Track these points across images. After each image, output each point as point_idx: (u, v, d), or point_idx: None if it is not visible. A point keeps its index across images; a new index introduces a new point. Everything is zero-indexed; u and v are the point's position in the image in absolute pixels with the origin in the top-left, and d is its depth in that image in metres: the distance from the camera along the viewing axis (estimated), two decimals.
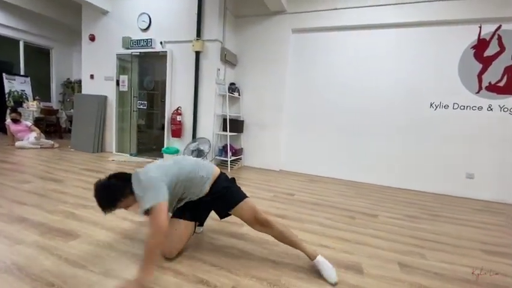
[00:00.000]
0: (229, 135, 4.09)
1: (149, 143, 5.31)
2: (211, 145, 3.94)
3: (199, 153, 3.81)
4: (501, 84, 3.30)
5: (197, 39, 3.94)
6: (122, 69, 4.69)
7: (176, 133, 4.18)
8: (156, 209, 1.25)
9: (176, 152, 4.19)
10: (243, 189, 1.72)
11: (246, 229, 1.96)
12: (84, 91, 4.98)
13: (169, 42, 4.24)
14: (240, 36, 4.43)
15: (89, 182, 2.90)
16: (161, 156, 4.29)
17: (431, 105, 3.59)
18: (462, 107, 3.46)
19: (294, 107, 4.29)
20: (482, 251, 1.94)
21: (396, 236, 2.09)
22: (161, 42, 4.25)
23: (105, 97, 4.77)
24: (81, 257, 1.47)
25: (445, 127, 3.54)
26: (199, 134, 4.14)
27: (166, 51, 4.22)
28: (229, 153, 4.02)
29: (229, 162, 4.03)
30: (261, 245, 1.77)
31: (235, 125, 4.24)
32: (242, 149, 4.48)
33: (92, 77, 4.89)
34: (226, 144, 4.06)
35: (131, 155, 4.62)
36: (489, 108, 3.36)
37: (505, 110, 3.31)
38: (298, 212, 2.48)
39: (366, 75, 3.85)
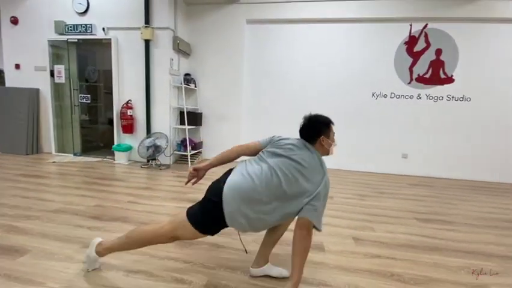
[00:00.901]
0: (188, 129, 3.97)
1: (96, 140, 4.84)
2: (168, 140, 3.78)
3: (156, 149, 3.63)
4: (427, 76, 3.85)
5: (146, 27, 3.66)
6: (56, 57, 4.11)
7: (128, 129, 3.89)
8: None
9: (129, 149, 3.92)
10: (206, 183, 1.73)
11: None
12: (8, 84, 4.24)
13: (113, 28, 3.85)
14: (193, 25, 4.25)
15: (30, 190, 2.56)
16: (112, 155, 3.97)
17: (373, 94, 4.00)
18: (397, 96, 3.95)
19: (254, 97, 4.35)
20: (417, 220, 2.31)
21: (351, 214, 2.35)
22: (103, 29, 3.83)
23: (37, 90, 4.16)
24: (36, 273, 1.32)
25: (384, 113, 4.00)
26: (154, 129, 3.92)
27: (110, 39, 3.83)
28: (189, 148, 3.92)
29: (189, 157, 3.94)
30: (231, 235, 1.82)
31: (194, 118, 4.13)
32: (202, 142, 4.40)
33: (17, 66, 4.18)
34: (185, 138, 3.94)
35: (75, 154, 4.17)
36: (418, 97, 3.91)
37: (430, 98, 3.88)
38: None
39: (319, 67, 4.08)
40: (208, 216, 1.17)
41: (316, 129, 1.29)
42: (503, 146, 3.78)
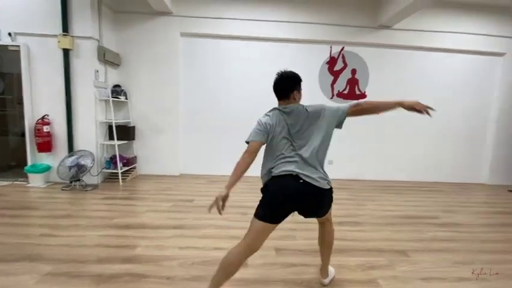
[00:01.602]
0: (118, 144, 3.73)
1: (5, 158, 4.16)
2: (95, 158, 3.49)
3: (79, 168, 3.32)
4: (345, 92, 4.40)
5: (64, 35, 3.33)
6: None
7: (45, 147, 3.46)
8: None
9: (47, 169, 3.49)
10: (138, 203, 1.70)
11: (140, 249, 1.95)
12: None
13: (22, 34, 3.39)
14: (123, 34, 4.02)
15: None
16: (25, 177, 3.48)
17: None
18: None
19: (190, 109, 4.32)
20: (334, 223, 2.63)
21: (280, 225, 2.54)
22: (9, 34, 3.35)
23: None
24: None
25: None
26: (77, 146, 3.58)
27: (18, 46, 3.36)
28: (119, 164, 3.69)
29: (120, 175, 3.70)
30: (157, 262, 1.81)
31: (125, 132, 3.90)
32: (136, 157, 4.18)
33: None
34: (115, 155, 3.70)
35: None
36: None
37: None
38: (196, 218, 2.61)
39: (253, 82, 4.29)
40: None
41: (290, 84, 1.49)
42: (410, 149, 4.56)
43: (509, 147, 4.61)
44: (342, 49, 4.31)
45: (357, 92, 4.40)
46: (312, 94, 4.37)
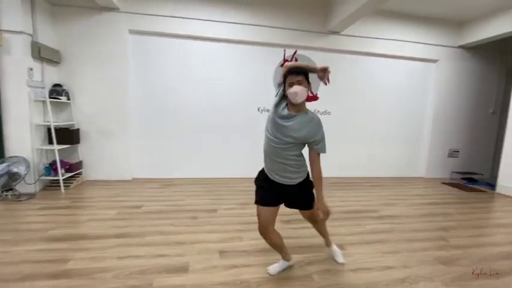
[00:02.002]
0: (59, 149, 3.44)
1: None
2: (29, 164, 3.18)
3: (11, 177, 3.00)
4: None
5: None
6: None
7: None
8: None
9: None
10: (80, 212, 1.59)
11: (73, 263, 1.84)
12: None
13: None
14: (63, 29, 3.71)
15: None
16: None
17: (258, 109, 4.47)
18: None
19: (142, 109, 4.14)
20: (281, 222, 2.72)
21: (227, 226, 2.57)
22: None
23: None
24: None
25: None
26: (9, 152, 3.23)
27: None
28: (61, 171, 3.41)
29: (61, 182, 3.41)
30: (89, 276, 1.72)
31: (67, 135, 3.61)
32: (81, 162, 3.89)
33: None
34: (55, 160, 3.41)
35: None
36: None
37: None
38: (141, 225, 2.52)
39: (208, 83, 4.26)
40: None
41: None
42: (359, 148, 4.88)
43: (442, 144, 5.17)
44: (295, 52, 4.46)
45: (310, 94, 4.57)
46: (269, 96, 4.46)
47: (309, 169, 1.75)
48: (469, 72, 5.09)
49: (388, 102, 4.91)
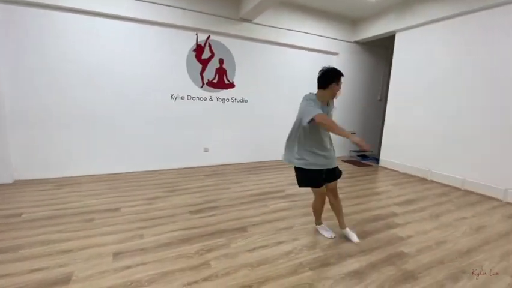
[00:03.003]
0: None
1: None
2: None
3: None
4: (215, 81, 4.52)
5: None
6: None
7: None
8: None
9: None
10: None
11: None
12: None
13: None
14: None
15: None
16: None
17: (171, 96, 4.24)
18: (194, 98, 4.41)
19: (21, 98, 3.40)
20: (190, 213, 2.73)
21: (128, 225, 2.41)
22: None
23: None
24: None
25: (183, 113, 4.37)
26: None
27: None
28: None
29: None
30: None
31: None
32: None
33: None
34: None
35: None
36: (210, 99, 4.55)
37: (220, 100, 4.63)
38: (17, 237, 2.14)
39: (113, 65, 3.77)
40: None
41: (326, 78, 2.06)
42: (275, 133, 5.20)
43: (342, 126, 5.97)
44: (208, 38, 4.34)
45: (226, 82, 4.61)
46: (183, 83, 4.28)
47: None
48: (362, 64, 5.94)
49: (299, 91, 5.32)
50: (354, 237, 2.29)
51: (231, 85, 4.66)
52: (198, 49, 4.30)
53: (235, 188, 3.54)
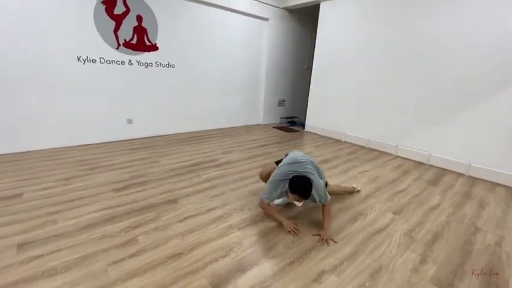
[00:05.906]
0: None
1: None
2: None
3: None
4: (134, 42, 3.98)
5: None
6: None
7: None
8: None
9: None
10: None
11: None
12: None
13: None
14: None
15: None
16: None
17: (78, 59, 3.58)
18: (108, 62, 3.82)
19: None
20: (114, 190, 2.54)
21: (34, 212, 2.11)
22: None
23: None
24: None
25: (96, 80, 3.78)
26: None
27: None
28: None
29: None
30: None
31: None
32: None
33: None
34: None
35: None
36: (130, 63, 4.02)
37: (141, 64, 4.14)
38: None
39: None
40: None
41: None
42: (208, 100, 5.03)
43: (274, 95, 6.22)
44: None
45: (148, 43, 4.11)
46: (93, 42, 3.63)
47: None
48: (292, 32, 6.07)
49: (229, 54, 5.18)
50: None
51: (154, 47, 4.19)
52: (109, 1, 3.63)
53: (165, 161, 3.40)
